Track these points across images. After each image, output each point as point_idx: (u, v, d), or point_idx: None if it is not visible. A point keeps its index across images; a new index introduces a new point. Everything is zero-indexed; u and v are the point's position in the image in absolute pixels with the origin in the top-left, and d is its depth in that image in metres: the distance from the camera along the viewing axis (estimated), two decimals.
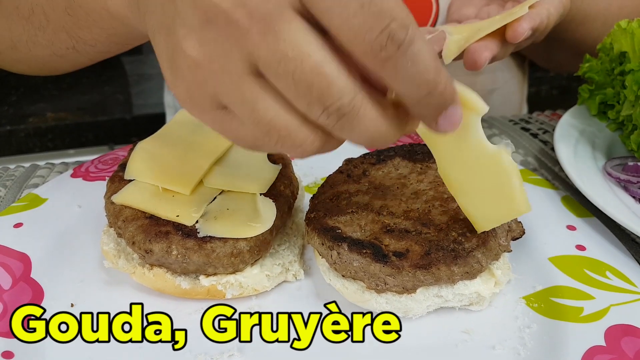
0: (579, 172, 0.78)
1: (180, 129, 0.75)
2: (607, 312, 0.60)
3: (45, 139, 1.77)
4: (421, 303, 0.60)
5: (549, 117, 1.09)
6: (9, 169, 0.91)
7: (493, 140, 0.98)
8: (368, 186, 0.69)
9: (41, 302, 0.63)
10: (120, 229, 0.64)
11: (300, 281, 0.67)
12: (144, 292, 0.65)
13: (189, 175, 0.67)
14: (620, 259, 0.68)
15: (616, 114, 0.89)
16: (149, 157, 0.70)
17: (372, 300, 0.60)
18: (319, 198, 0.69)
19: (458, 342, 0.59)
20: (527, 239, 0.70)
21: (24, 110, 1.84)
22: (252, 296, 0.65)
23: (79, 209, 0.76)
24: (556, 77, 1.98)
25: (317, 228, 0.63)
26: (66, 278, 0.66)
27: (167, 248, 0.60)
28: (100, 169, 0.85)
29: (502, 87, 1.21)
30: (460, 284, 0.60)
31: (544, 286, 0.65)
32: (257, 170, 0.70)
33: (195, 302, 0.64)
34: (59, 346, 0.58)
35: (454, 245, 0.59)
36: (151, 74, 2.13)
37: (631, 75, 0.80)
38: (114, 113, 1.87)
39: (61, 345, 0.58)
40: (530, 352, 0.57)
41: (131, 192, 0.66)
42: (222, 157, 0.71)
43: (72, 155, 1.80)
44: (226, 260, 0.60)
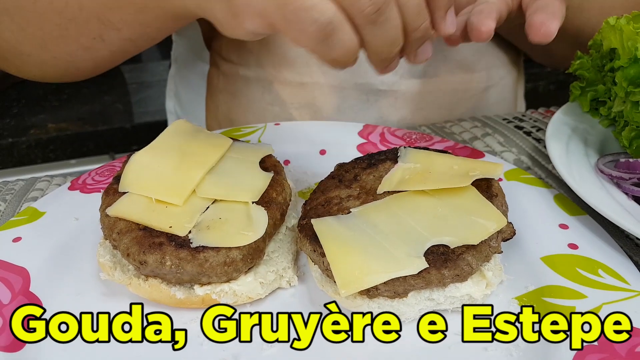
0: (571, 170, 0.78)
1: (173, 139, 0.76)
2: (599, 310, 0.60)
3: (47, 150, 1.79)
4: (413, 307, 0.61)
5: (542, 115, 1.09)
6: (9, 182, 0.92)
7: (486, 140, 0.99)
8: (359, 191, 0.70)
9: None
10: (115, 241, 0.65)
11: (295, 287, 0.68)
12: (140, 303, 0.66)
13: (181, 186, 0.68)
14: (613, 257, 0.68)
15: (608, 111, 0.89)
16: (142, 169, 0.71)
17: (364, 305, 0.60)
18: (310, 204, 0.70)
19: (451, 344, 0.60)
20: (519, 239, 0.71)
21: (26, 122, 1.86)
22: (247, 304, 0.65)
23: (76, 221, 0.77)
24: (553, 73, 1.98)
25: (308, 235, 0.64)
26: (64, 291, 0.67)
27: (160, 259, 0.61)
28: (97, 180, 0.86)
29: (498, 84, 1.21)
30: (451, 286, 0.61)
31: (536, 286, 0.65)
32: (249, 179, 0.71)
33: (191, 311, 0.65)
34: (59, 352, 0.59)
35: (443, 249, 0.60)
36: (150, 82, 2.14)
37: (621, 71, 0.81)
38: (114, 122, 1.88)
39: (61, 350, 0.59)
40: (523, 352, 0.58)
41: (125, 205, 0.67)
42: (214, 166, 0.72)
43: (74, 165, 1.81)
44: (219, 269, 0.61)
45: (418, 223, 0.62)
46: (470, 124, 1.06)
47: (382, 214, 0.64)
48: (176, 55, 1.35)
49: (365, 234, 0.61)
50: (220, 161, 0.73)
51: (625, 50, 0.81)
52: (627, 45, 0.80)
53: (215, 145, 0.75)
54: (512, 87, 1.26)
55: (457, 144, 0.92)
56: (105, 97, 2.03)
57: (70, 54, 0.87)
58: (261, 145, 0.78)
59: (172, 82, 1.40)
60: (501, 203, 0.66)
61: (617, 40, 0.83)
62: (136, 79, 2.16)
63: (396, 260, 0.58)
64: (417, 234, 0.61)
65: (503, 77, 1.22)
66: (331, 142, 0.95)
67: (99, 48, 0.85)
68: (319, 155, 0.92)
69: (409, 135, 0.95)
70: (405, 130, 0.97)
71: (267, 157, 0.77)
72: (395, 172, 0.71)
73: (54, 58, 0.89)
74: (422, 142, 0.93)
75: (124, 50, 0.88)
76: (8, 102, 1.97)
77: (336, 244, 0.60)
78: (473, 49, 1.13)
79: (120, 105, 1.98)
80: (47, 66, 0.92)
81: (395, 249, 0.59)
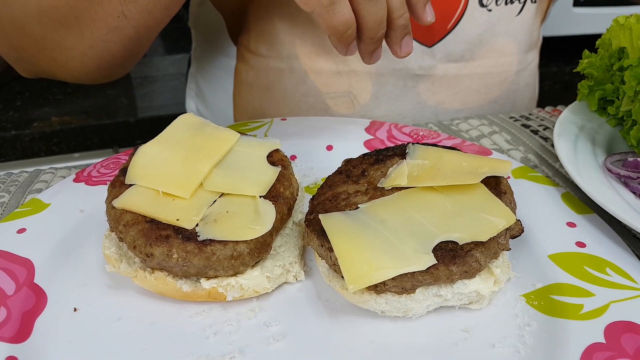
0: (579, 168, 0.78)
1: (180, 132, 0.76)
2: (607, 309, 0.60)
3: (51, 143, 1.78)
4: (421, 303, 0.60)
5: (549, 114, 1.08)
6: (13, 174, 0.92)
7: (493, 138, 0.99)
8: (367, 186, 0.70)
9: (45, 308, 0.63)
10: (122, 234, 0.64)
11: (301, 282, 0.68)
12: (146, 296, 0.65)
13: (188, 179, 0.67)
14: (621, 256, 0.67)
15: (616, 110, 0.89)
16: (149, 162, 0.71)
17: (371, 301, 0.60)
18: (318, 199, 0.69)
19: (458, 341, 0.59)
20: (527, 237, 0.71)
21: (29, 114, 1.85)
22: (253, 298, 0.65)
23: (81, 213, 0.77)
24: (559, 73, 1.98)
25: (316, 230, 0.63)
26: (69, 283, 0.67)
27: (167, 252, 0.60)
28: (103, 173, 0.86)
29: (526, 68, 1.24)
30: (459, 283, 0.61)
31: (543, 284, 0.65)
32: (257, 173, 0.71)
33: (197, 304, 0.64)
34: (62, 351, 0.58)
35: (452, 245, 0.59)
36: (155, 76, 2.14)
37: (630, 70, 0.80)
38: (118, 116, 1.87)
39: (65, 342, 0.59)
40: (531, 349, 0.58)
41: (132, 197, 0.66)
42: (221, 160, 0.72)
43: (77, 158, 1.81)
44: (226, 262, 0.61)
45: (427, 219, 0.62)
46: (477, 122, 1.05)
47: (390, 210, 0.64)
48: (197, 53, 1.34)
49: (373, 229, 0.61)
50: (227, 155, 0.73)
51: (634, 49, 0.81)
52: (637, 44, 0.80)
53: (223, 139, 0.74)
54: (536, 72, 1.29)
55: (465, 142, 0.91)
56: (109, 90, 2.02)
57: (102, 39, 0.93)
58: (269, 140, 0.78)
59: (193, 81, 1.39)
60: (510, 200, 0.66)
61: (626, 39, 0.82)
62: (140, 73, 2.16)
63: (404, 256, 0.58)
64: (426, 230, 0.60)
65: (531, 62, 1.24)
66: (338, 137, 0.94)
67: (124, 26, 0.90)
68: (326, 150, 0.92)
69: (416, 132, 0.95)
70: (412, 127, 0.97)
71: (274, 151, 0.76)
72: (400, 167, 0.70)
73: (90, 47, 0.94)
74: (429, 139, 0.93)
75: (146, 26, 0.92)
76: (12, 94, 1.96)
77: (344, 239, 0.60)
78: (506, 32, 1.15)
79: (125, 99, 1.98)
80: (87, 58, 0.97)
81: (403, 244, 0.59)
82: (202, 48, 1.32)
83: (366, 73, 1.12)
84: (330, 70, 1.12)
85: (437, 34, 1.09)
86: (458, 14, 1.08)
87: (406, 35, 0.76)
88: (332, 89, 1.14)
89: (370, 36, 0.73)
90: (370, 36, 0.73)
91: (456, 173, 0.67)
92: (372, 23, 0.72)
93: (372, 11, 0.71)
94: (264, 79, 1.17)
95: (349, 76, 1.13)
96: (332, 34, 0.72)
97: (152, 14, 0.89)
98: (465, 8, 1.08)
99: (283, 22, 1.09)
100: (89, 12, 0.89)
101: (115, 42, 0.94)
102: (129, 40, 0.94)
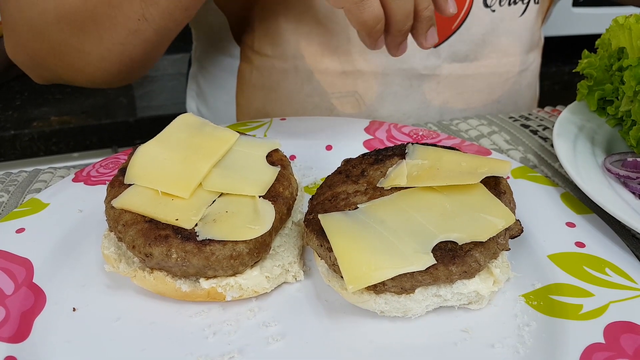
0: (578, 168, 0.78)
1: (179, 132, 0.75)
2: (607, 309, 0.60)
3: (50, 143, 1.78)
4: (420, 303, 0.60)
5: (548, 114, 1.08)
6: (12, 174, 0.92)
7: (493, 138, 0.98)
8: (366, 186, 0.70)
9: (43, 307, 0.63)
10: (121, 233, 0.64)
11: (300, 282, 0.68)
12: (145, 296, 0.65)
13: (188, 179, 0.67)
14: (620, 256, 0.67)
15: (615, 110, 0.89)
16: (149, 161, 0.70)
17: (370, 301, 0.60)
18: (317, 199, 0.69)
19: (457, 341, 0.59)
20: (527, 237, 0.71)
21: (28, 114, 1.85)
22: (252, 298, 0.65)
23: (80, 213, 0.77)
24: (558, 73, 1.98)
25: (315, 230, 0.63)
26: (68, 283, 0.67)
27: (166, 251, 0.60)
28: (102, 173, 0.86)
29: (528, 69, 1.25)
30: (458, 283, 0.60)
31: (543, 284, 0.65)
32: (256, 173, 0.71)
33: (196, 304, 0.64)
34: (61, 351, 0.58)
35: (451, 245, 0.59)
36: (154, 76, 2.13)
37: (629, 70, 0.80)
38: (117, 116, 1.87)
39: (64, 342, 0.59)
40: (530, 350, 0.58)
41: (131, 197, 0.66)
42: (220, 160, 0.72)
43: (77, 158, 1.81)
44: (226, 262, 0.61)
45: (426, 219, 0.62)
46: (476, 122, 1.05)
47: (390, 210, 0.63)
48: (198, 53, 1.34)
49: (372, 229, 0.61)
50: (226, 155, 0.73)
51: (634, 49, 0.81)
52: (636, 44, 0.80)
53: (222, 139, 0.74)
54: (537, 73, 1.30)
55: (464, 142, 0.91)
56: (108, 90, 2.02)
57: (122, 42, 0.93)
58: (268, 140, 0.78)
59: (194, 81, 1.39)
60: (509, 200, 0.66)
61: (625, 39, 0.82)
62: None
63: (404, 256, 0.58)
64: (425, 230, 0.60)
65: (532, 62, 1.25)
66: (337, 137, 0.94)
67: (144, 29, 0.90)
68: (325, 150, 0.92)
69: (415, 132, 0.95)
70: (411, 127, 0.97)
71: (273, 151, 0.76)
72: (400, 167, 0.70)
73: (109, 50, 0.94)
74: (429, 139, 0.93)
75: (166, 27, 0.92)
76: (11, 94, 1.96)
77: (344, 239, 0.60)
78: (510, 33, 1.15)
79: (124, 99, 1.97)
80: (106, 62, 0.97)
81: (403, 244, 0.59)
82: (203, 48, 1.31)
83: (372, 73, 1.12)
84: (335, 70, 1.12)
85: (442, 34, 1.10)
86: (463, 14, 1.08)
87: (431, 26, 0.78)
88: (337, 89, 1.14)
89: (399, 29, 0.75)
90: (399, 29, 0.75)
91: (455, 173, 0.67)
92: (401, 16, 0.74)
93: (401, 5, 0.73)
94: (269, 79, 1.17)
95: (354, 76, 1.13)
96: (362, 29, 0.73)
97: (172, 16, 0.89)
98: (470, 8, 1.08)
99: (288, 22, 1.09)
100: (108, 16, 0.89)
101: (135, 45, 0.94)
102: (149, 43, 0.94)
